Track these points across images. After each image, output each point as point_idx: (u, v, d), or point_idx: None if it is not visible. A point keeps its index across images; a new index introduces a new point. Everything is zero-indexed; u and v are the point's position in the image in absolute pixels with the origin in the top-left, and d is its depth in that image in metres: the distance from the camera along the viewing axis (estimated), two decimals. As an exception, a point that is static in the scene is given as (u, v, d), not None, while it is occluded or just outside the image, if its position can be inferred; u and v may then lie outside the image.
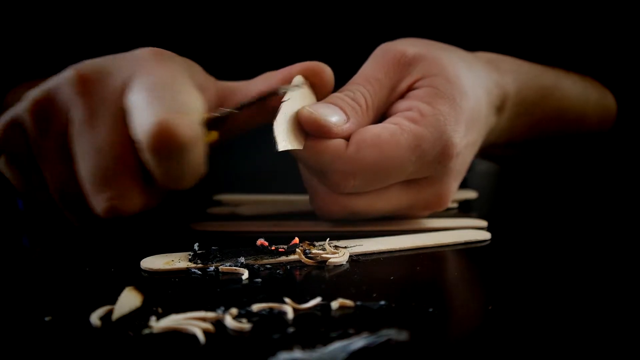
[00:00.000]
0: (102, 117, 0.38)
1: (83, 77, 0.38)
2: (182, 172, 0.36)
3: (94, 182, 0.37)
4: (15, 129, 0.39)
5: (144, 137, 0.35)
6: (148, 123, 0.35)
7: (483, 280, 0.38)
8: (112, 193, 0.37)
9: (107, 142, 0.37)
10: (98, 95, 0.38)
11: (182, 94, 0.37)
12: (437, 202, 0.45)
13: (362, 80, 0.44)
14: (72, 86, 0.38)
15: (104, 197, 0.37)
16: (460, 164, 0.45)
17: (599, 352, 0.27)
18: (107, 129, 0.37)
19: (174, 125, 0.34)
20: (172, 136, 0.34)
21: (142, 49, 0.40)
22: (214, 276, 0.36)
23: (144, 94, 0.36)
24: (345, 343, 0.26)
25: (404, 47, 0.45)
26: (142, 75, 0.38)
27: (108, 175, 0.37)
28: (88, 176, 0.37)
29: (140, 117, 0.35)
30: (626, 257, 0.41)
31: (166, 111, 0.35)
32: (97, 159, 0.37)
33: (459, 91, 0.43)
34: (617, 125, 0.61)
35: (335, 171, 0.41)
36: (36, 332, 0.28)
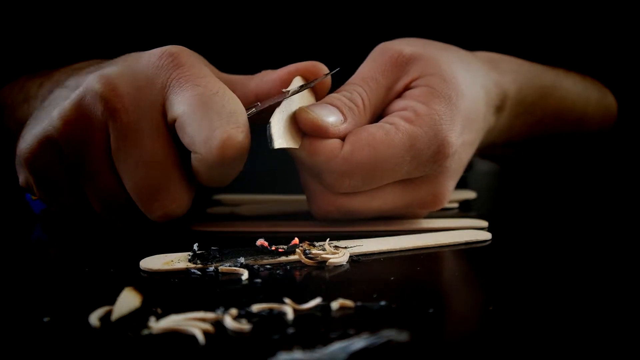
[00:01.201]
0: (143, 132, 0.39)
1: (115, 92, 0.39)
2: (231, 175, 0.40)
3: (145, 195, 0.39)
4: (46, 149, 0.40)
5: (209, 151, 0.37)
6: (213, 137, 0.37)
7: (483, 280, 0.37)
8: (164, 202, 0.40)
9: (152, 154, 0.39)
10: (135, 109, 0.39)
11: (232, 103, 0.39)
12: (434, 201, 0.45)
13: (360, 80, 0.45)
14: (106, 102, 0.38)
15: (157, 206, 0.40)
16: (457, 163, 0.45)
17: (599, 352, 0.27)
18: (151, 142, 0.39)
19: (240, 139, 0.37)
20: (241, 149, 0.38)
21: (160, 51, 0.40)
22: (214, 276, 0.36)
23: (195, 107, 0.38)
24: (346, 344, 0.26)
25: (401, 47, 0.45)
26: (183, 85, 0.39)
27: (157, 187, 0.39)
28: (138, 190, 0.39)
29: (200, 129, 0.37)
30: (626, 257, 0.41)
31: (229, 124, 0.37)
32: (144, 172, 0.39)
33: (455, 90, 0.43)
34: (618, 125, 0.61)
35: (331, 171, 0.41)
36: (35, 333, 0.28)
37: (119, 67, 0.40)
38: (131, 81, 0.39)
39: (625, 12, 0.62)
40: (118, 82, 0.39)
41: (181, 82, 0.38)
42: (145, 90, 0.39)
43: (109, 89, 0.38)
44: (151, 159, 0.39)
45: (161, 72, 0.39)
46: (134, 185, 0.39)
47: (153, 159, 0.39)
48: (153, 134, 0.39)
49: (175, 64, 0.39)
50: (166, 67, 0.39)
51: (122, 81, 0.39)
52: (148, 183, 0.39)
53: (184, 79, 0.39)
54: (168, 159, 0.39)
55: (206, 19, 0.61)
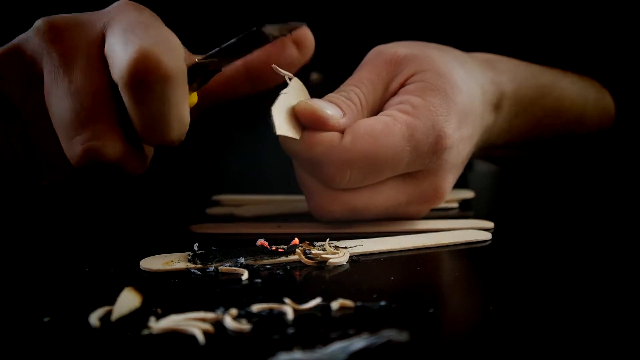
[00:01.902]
0: (77, 63, 0.36)
1: (55, 25, 0.37)
2: (165, 115, 0.35)
3: (69, 126, 0.36)
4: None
5: (123, 69, 0.34)
6: (127, 54, 0.34)
7: (483, 280, 0.37)
8: (88, 135, 0.35)
9: (82, 86, 0.36)
10: (73, 42, 0.37)
11: (162, 31, 0.36)
12: (434, 196, 0.45)
13: (356, 82, 0.45)
14: (44, 35, 0.37)
15: (79, 139, 0.35)
16: (456, 157, 0.45)
17: (599, 352, 0.27)
18: (84, 74, 0.36)
19: (155, 53, 0.33)
20: (154, 64, 0.33)
21: (114, 3, 0.39)
22: (214, 276, 0.36)
23: (121, 33, 0.35)
24: (346, 344, 0.26)
25: (396, 49, 0.46)
26: (119, 19, 0.37)
27: (84, 117, 0.35)
28: (62, 120, 0.36)
29: (119, 52, 0.34)
30: (626, 257, 0.41)
31: (144, 42, 0.34)
32: (72, 102, 0.36)
33: (450, 84, 0.44)
34: (617, 125, 0.61)
35: (331, 163, 0.41)
36: (35, 333, 0.28)
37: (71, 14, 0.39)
38: (74, 19, 0.38)
39: (623, 12, 0.62)
40: (60, 19, 0.38)
41: (119, 17, 0.37)
42: (85, 27, 0.38)
43: (48, 22, 0.38)
44: (79, 88, 0.36)
45: (106, 14, 0.38)
46: (59, 117, 0.36)
47: (81, 89, 0.36)
48: (85, 65, 0.36)
49: (121, 7, 0.38)
50: (112, 10, 0.38)
51: (64, 18, 0.38)
52: (72, 113, 0.35)
53: (123, 15, 0.37)
54: (97, 90, 0.36)
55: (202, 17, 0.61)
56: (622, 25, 0.62)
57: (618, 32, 0.62)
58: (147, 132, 0.35)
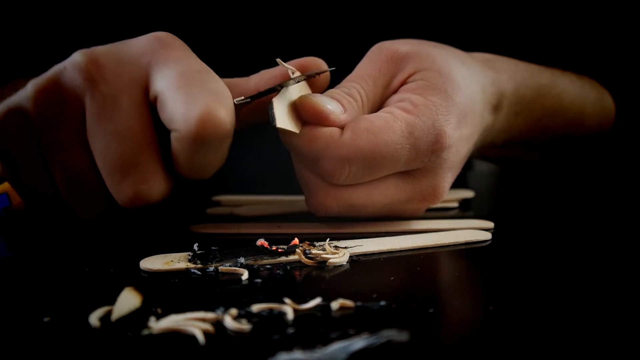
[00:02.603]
0: (122, 105, 0.37)
1: (97, 63, 0.37)
2: (213, 162, 0.37)
3: (117, 169, 0.37)
4: (14, 119, 0.38)
5: (186, 126, 0.35)
6: (191, 111, 0.34)
7: (483, 280, 0.37)
8: (137, 178, 0.36)
9: (129, 129, 0.36)
10: (116, 82, 0.37)
11: (216, 82, 0.37)
12: (433, 194, 0.45)
13: (357, 78, 0.45)
14: (86, 72, 0.37)
15: (128, 183, 0.37)
16: (455, 156, 0.45)
17: (599, 352, 0.27)
18: (130, 117, 0.36)
19: (220, 115, 0.35)
20: (220, 125, 0.35)
21: (150, 35, 0.39)
22: (214, 276, 0.36)
23: (176, 82, 0.36)
24: (346, 344, 0.26)
25: (397, 46, 0.46)
26: (167, 62, 0.37)
27: (132, 162, 0.36)
28: (110, 164, 0.37)
29: (179, 105, 0.35)
30: (626, 257, 0.41)
31: (209, 100, 0.35)
32: (119, 146, 0.36)
33: (451, 84, 0.44)
34: (616, 125, 0.61)
35: (330, 158, 0.41)
36: (35, 333, 0.28)
37: (106, 46, 0.39)
38: (115, 56, 0.38)
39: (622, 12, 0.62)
40: (101, 56, 0.38)
41: (166, 60, 0.37)
42: (128, 66, 0.38)
43: (90, 59, 0.37)
44: (126, 133, 0.36)
45: (147, 51, 0.38)
46: (104, 159, 0.37)
47: (128, 133, 0.36)
48: (131, 109, 0.37)
49: (162, 44, 0.38)
50: (152, 47, 0.38)
51: (105, 55, 0.38)
52: (120, 158, 0.36)
53: (170, 58, 0.38)
54: (144, 135, 0.37)
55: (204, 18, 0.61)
56: (622, 25, 0.62)
57: (618, 32, 0.62)
58: (191, 173, 0.37)
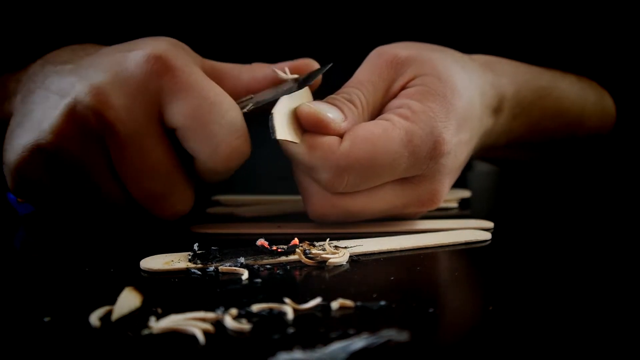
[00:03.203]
0: (143, 144, 0.39)
1: (108, 105, 0.39)
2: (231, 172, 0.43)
3: (153, 202, 0.41)
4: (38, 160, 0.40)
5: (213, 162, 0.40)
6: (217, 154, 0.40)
7: (483, 280, 0.37)
8: (171, 204, 0.42)
9: (155, 163, 0.40)
10: (131, 120, 0.39)
11: (228, 109, 0.40)
12: (431, 200, 0.45)
13: (357, 83, 0.45)
14: (99, 116, 0.39)
15: (165, 207, 0.42)
16: (453, 162, 0.45)
17: (599, 352, 0.27)
18: (152, 150, 0.39)
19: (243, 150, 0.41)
20: (243, 157, 0.41)
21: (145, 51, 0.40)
22: (214, 276, 0.36)
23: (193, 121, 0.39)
24: (346, 343, 0.26)
25: (397, 50, 0.46)
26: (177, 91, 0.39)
27: (164, 193, 0.41)
28: (145, 198, 0.41)
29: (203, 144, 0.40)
30: (626, 257, 0.41)
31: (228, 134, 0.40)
32: (149, 181, 0.40)
33: (451, 89, 0.44)
34: (617, 126, 0.61)
35: (329, 167, 0.41)
36: (35, 333, 0.28)
37: (106, 74, 0.40)
38: (122, 90, 0.39)
39: (622, 13, 0.62)
40: (109, 93, 0.39)
41: (174, 89, 0.39)
42: (138, 99, 0.39)
43: (100, 100, 0.38)
44: (154, 167, 0.40)
45: (152, 77, 0.39)
46: (139, 193, 0.41)
47: (156, 167, 0.40)
48: (153, 142, 0.39)
49: (164, 68, 0.39)
50: (156, 72, 0.39)
51: (112, 91, 0.39)
52: (154, 190, 0.41)
53: (178, 85, 0.39)
54: (171, 164, 0.40)
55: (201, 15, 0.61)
56: (622, 26, 0.62)
57: (618, 33, 0.62)
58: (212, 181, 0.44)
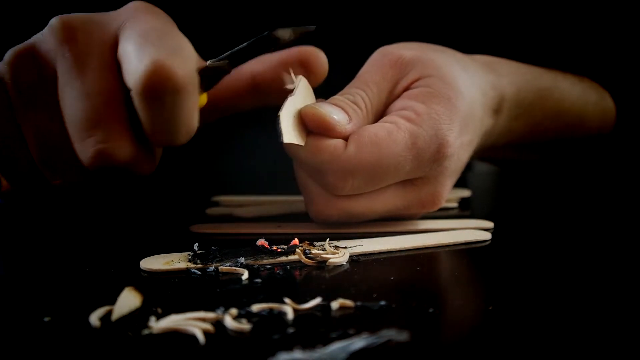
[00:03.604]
0: (90, 65, 0.37)
1: (69, 25, 0.38)
2: (175, 122, 0.35)
3: (81, 127, 0.36)
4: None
5: (137, 78, 0.34)
6: (141, 65, 0.34)
7: (483, 280, 0.37)
8: (100, 137, 0.36)
9: (95, 88, 0.36)
10: (87, 43, 0.37)
11: (175, 38, 0.36)
12: (432, 202, 0.45)
13: (361, 84, 0.45)
14: (58, 34, 0.37)
15: (91, 141, 0.36)
16: (455, 164, 0.45)
17: (599, 352, 0.27)
18: (96, 76, 0.37)
19: (168, 66, 0.34)
20: (167, 76, 0.34)
21: (129, 3, 0.39)
22: (214, 276, 0.36)
23: (136, 40, 0.36)
24: (346, 343, 0.26)
25: (401, 51, 0.46)
26: (133, 24, 0.37)
27: (96, 119, 0.36)
28: (75, 121, 0.37)
29: (134, 60, 0.35)
30: (626, 258, 0.41)
31: (159, 53, 0.34)
32: (84, 104, 0.36)
33: (455, 91, 0.44)
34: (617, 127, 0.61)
35: (334, 171, 0.41)
36: (35, 333, 0.28)
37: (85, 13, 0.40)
38: (88, 19, 0.38)
39: (623, 13, 0.62)
40: (75, 19, 0.38)
41: (133, 21, 0.38)
42: (99, 28, 0.38)
43: (64, 22, 0.38)
44: (91, 91, 0.36)
45: (120, 16, 0.39)
46: (70, 117, 0.37)
47: (93, 91, 0.36)
48: (98, 68, 0.37)
49: (135, 10, 0.39)
50: (126, 12, 0.39)
51: (79, 18, 0.38)
52: (85, 115, 0.36)
53: (138, 19, 0.38)
54: (109, 93, 0.36)
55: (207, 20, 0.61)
56: (622, 26, 0.62)
57: (618, 33, 0.62)
58: (157, 136, 0.36)
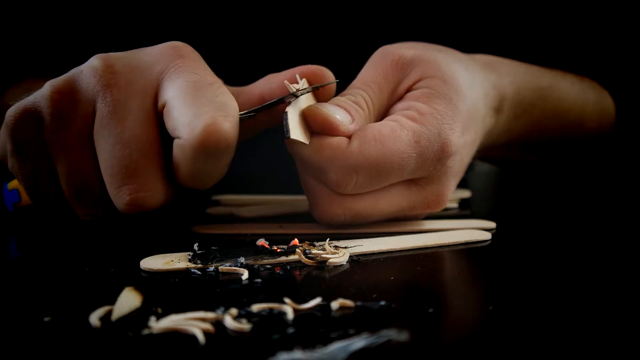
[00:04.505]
0: (131, 111, 0.37)
1: (112, 69, 0.38)
2: (214, 174, 0.37)
3: (117, 175, 0.37)
4: (30, 117, 0.39)
5: (191, 135, 0.35)
6: (198, 122, 0.35)
7: (483, 280, 0.37)
8: (136, 186, 0.37)
9: (134, 136, 0.37)
10: (128, 88, 0.38)
11: (225, 95, 0.37)
12: (436, 201, 0.45)
13: (362, 85, 0.45)
14: (100, 77, 0.38)
15: (127, 190, 0.37)
16: (459, 163, 0.45)
17: (599, 352, 0.27)
18: (136, 123, 0.37)
19: (225, 127, 0.35)
20: (224, 137, 0.35)
21: (167, 44, 0.40)
22: (214, 276, 0.36)
23: (186, 92, 0.37)
24: (346, 343, 0.26)
25: (402, 51, 0.46)
26: (179, 72, 0.38)
27: (133, 168, 0.37)
28: (112, 168, 0.37)
29: (186, 114, 0.36)
30: (626, 257, 0.41)
31: (216, 112, 0.35)
32: (122, 152, 0.37)
33: (456, 92, 0.44)
34: (617, 126, 0.61)
35: (338, 167, 0.41)
36: (35, 333, 0.28)
37: (124, 52, 0.40)
38: (130, 62, 0.39)
39: (623, 13, 0.62)
40: (116, 61, 0.39)
41: (178, 70, 0.38)
42: (141, 73, 0.38)
43: (106, 64, 0.38)
44: (129, 139, 0.37)
45: (162, 59, 0.39)
46: (107, 163, 0.38)
47: (131, 139, 0.37)
48: (138, 115, 0.38)
49: (177, 54, 0.39)
50: (167, 55, 0.39)
51: (121, 61, 0.39)
52: (121, 163, 0.37)
53: (182, 68, 0.38)
54: (148, 142, 0.37)
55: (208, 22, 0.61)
56: (622, 26, 0.62)
57: (618, 33, 0.62)
58: (191, 183, 0.38)
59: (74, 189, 0.40)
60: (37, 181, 0.40)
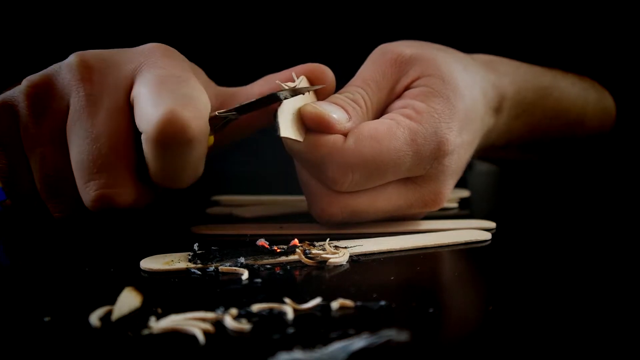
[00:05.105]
0: (103, 106, 0.37)
1: (87, 64, 0.38)
2: (182, 169, 0.36)
3: (85, 169, 0.37)
4: (6, 110, 0.39)
5: (150, 126, 0.35)
6: (156, 112, 0.34)
7: (483, 280, 0.37)
8: (103, 182, 0.37)
9: (104, 131, 0.37)
10: (101, 83, 0.38)
11: (191, 88, 0.37)
12: (434, 200, 0.45)
13: (361, 82, 0.45)
14: (75, 72, 0.38)
15: (94, 185, 0.37)
16: (456, 163, 0.45)
17: (599, 352, 0.27)
18: (107, 118, 0.37)
19: (184, 117, 0.34)
20: (182, 127, 0.34)
21: (147, 44, 0.40)
22: (214, 276, 0.36)
23: (152, 86, 0.36)
24: (346, 343, 0.26)
25: (401, 49, 0.46)
26: (150, 68, 0.38)
27: (101, 163, 0.37)
28: (81, 162, 0.37)
29: (147, 107, 0.35)
30: (626, 257, 0.41)
31: (176, 102, 0.35)
32: (92, 146, 0.37)
33: (454, 91, 0.44)
34: (617, 126, 0.61)
35: (334, 165, 0.41)
36: (35, 333, 0.28)
37: (103, 50, 0.40)
38: (106, 59, 0.39)
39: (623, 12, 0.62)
40: (92, 57, 0.39)
41: (150, 66, 0.38)
42: (116, 68, 0.38)
43: (82, 60, 0.38)
44: (101, 134, 0.37)
45: (138, 57, 0.39)
46: (77, 157, 0.37)
47: (103, 134, 0.37)
48: (110, 111, 0.37)
49: (153, 52, 0.39)
50: (143, 53, 0.39)
51: (96, 58, 0.39)
52: (90, 157, 0.37)
53: (154, 64, 0.38)
54: (119, 138, 0.37)
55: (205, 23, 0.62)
56: (622, 26, 0.62)
57: (618, 33, 0.62)
58: (162, 180, 0.37)
59: (46, 184, 0.39)
60: (12, 176, 0.40)
